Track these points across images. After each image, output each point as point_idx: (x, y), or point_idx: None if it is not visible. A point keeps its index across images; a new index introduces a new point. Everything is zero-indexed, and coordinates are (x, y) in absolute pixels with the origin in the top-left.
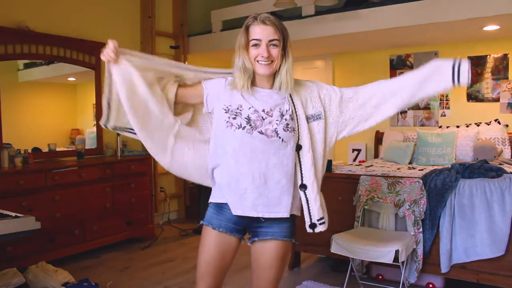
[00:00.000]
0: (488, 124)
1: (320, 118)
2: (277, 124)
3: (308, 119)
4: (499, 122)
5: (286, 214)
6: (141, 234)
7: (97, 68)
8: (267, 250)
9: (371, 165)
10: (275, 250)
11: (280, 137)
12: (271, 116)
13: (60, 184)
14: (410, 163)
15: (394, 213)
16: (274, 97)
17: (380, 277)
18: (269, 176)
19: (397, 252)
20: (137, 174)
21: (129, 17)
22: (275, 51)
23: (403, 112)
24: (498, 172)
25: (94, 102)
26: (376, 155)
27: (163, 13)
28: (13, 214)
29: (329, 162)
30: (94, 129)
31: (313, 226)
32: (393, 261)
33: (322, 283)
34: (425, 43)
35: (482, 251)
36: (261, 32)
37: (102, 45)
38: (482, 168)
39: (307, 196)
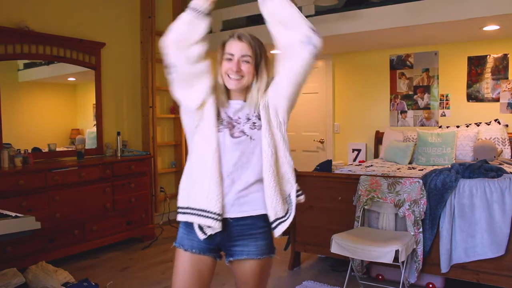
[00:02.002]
0: (488, 124)
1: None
2: (243, 126)
3: (269, 122)
4: (499, 122)
5: (255, 213)
6: (141, 234)
7: (97, 68)
8: (243, 270)
9: (371, 165)
10: (250, 269)
11: (247, 135)
12: (239, 124)
13: (60, 184)
14: (410, 163)
15: (394, 213)
16: (245, 108)
17: (380, 277)
18: (236, 176)
19: (397, 252)
20: (137, 174)
21: (129, 17)
22: (246, 67)
23: (403, 112)
24: (498, 172)
25: (94, 102)
26: (376, 155)
27: (163, 13)
28: (13, 214)
29: (329, 162)
30: (94, 129)
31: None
32: (393, 261)
33: (322, 283)
34: (425, 43)
35: (482, 251)
36: (235, 47)
37: (102, 45)
38: (482, 168)
39: (265, 192)
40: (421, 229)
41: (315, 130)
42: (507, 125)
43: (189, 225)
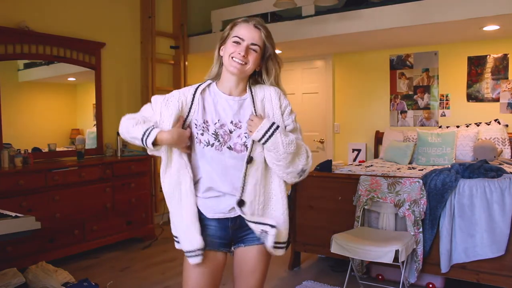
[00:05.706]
0: (488, 124)
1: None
2: (246, 137)
3: None
4: (499, 122)
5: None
6: (141, 234)
7: (97, 68)
8: (250, 255)
9: (371, 165)
10: (258, 254)
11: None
12: (240, 128)
13: (60, 184)
14: (410, 163)
15: (394, 213)
16: (243, 105)
17: (380, 277)
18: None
19: (397, 252)
20: (137, 174)
21: (129, 17)
22: (253, 56)
23: (403, 112)
24: (498, 172)
25: (94, 102)
26: (376, 155)
27: (163, 13)
28: (13, 214)
29: (329, 162)
30: (94, 129)
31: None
32: (393, 261)
33: (322, 283)
34: (425, 43)
35: (482, 251)
36: (247, 33)
37: (102, 45)
38: (482, 168)
39: (244, 215)
40: (421, 229)
41: (315, 130)
42: (507, 125)
43: (201, 224)
